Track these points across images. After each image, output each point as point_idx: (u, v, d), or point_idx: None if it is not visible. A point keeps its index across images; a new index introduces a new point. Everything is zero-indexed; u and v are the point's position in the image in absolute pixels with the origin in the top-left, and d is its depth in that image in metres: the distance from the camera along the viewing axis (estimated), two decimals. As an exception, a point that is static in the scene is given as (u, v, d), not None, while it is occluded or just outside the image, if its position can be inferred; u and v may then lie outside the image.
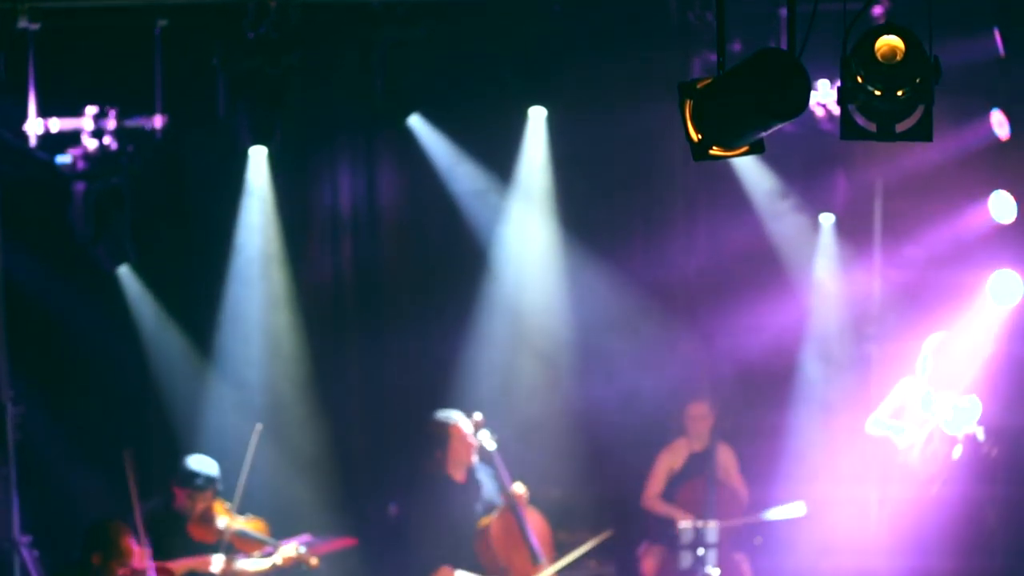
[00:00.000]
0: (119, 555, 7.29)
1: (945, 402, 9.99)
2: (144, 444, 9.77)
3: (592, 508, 11.92)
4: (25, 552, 9.05)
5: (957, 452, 9.94)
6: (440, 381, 11.67)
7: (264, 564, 8.83)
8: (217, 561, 8.44)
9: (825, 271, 12.18)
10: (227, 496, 8.82)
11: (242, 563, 8.52)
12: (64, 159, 8.99)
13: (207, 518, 8.66)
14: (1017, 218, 11.33)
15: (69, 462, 9.80)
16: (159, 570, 7.85)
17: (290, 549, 8.80)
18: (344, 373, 11.68)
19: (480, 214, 11.66)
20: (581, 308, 12.03)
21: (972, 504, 10.82)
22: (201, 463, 8.71)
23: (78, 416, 9.96)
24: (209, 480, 8.68)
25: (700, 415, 10.46)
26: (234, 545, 8.69)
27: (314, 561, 8.99)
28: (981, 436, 9.71)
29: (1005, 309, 11.26)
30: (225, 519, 8.68)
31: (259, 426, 8.91)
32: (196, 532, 8.61)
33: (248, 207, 10.64)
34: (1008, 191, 11.45)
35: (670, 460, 10.59)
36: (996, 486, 11.17)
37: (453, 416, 9.30)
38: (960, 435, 9.82)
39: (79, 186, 9.05)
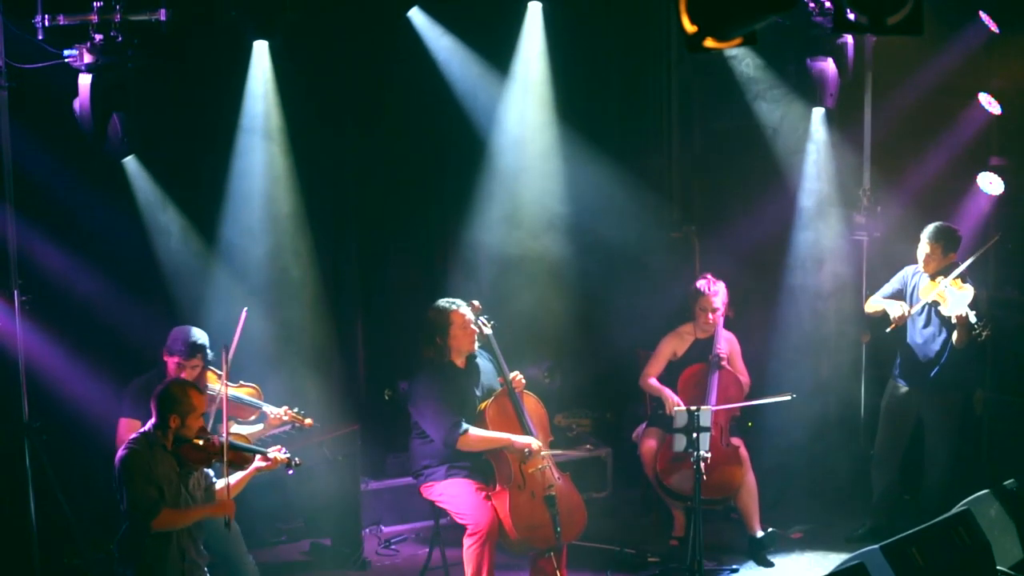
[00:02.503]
0: (192, 409, 7.36)
1: (939, 286, 10.08)
2: (148, 331, 9.85)
3: (589, 392, 12.13)
4: (35, 438, 9.13)
5: (956, 336, 10.05)
6: (439, 268, 11.83)
7: (258, 426, 8.97)
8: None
9: (816, 162, 12.28)
10: (217, 366, 8.83)
11: (237, 428, 8.56)
12: (71, 52, 9.02)
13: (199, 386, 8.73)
14: (1005, 112, 11.44)
15: (74, 350, 9.87)
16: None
17: (280, 411, 8.91)
18: (346, 261, 11.82)
19: (479, 104, 11.74)
20: (577, 196, 12.14)
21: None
22: (188, 332, 8.77)
23: (84, 305, 10.01)
24: (196, 347, 8.73)
25: (709, 306, 10.52)
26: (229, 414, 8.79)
27: (308, 421, 9.10)
28: (973, 319, 9.79)
29: (993, 198, 11.39)
30: (217, 386, 8.67)
31: (246, 309, 8.90)
32: None
33: (251, 100, 10.73)
34: (999, 86, 11.56)
35: (674, 344, 10.70)
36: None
37: (453, 303, 9.35)
38: (953, 318, 9.91)
39: (85, 79, 9.08)
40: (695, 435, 9.62)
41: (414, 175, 11.79)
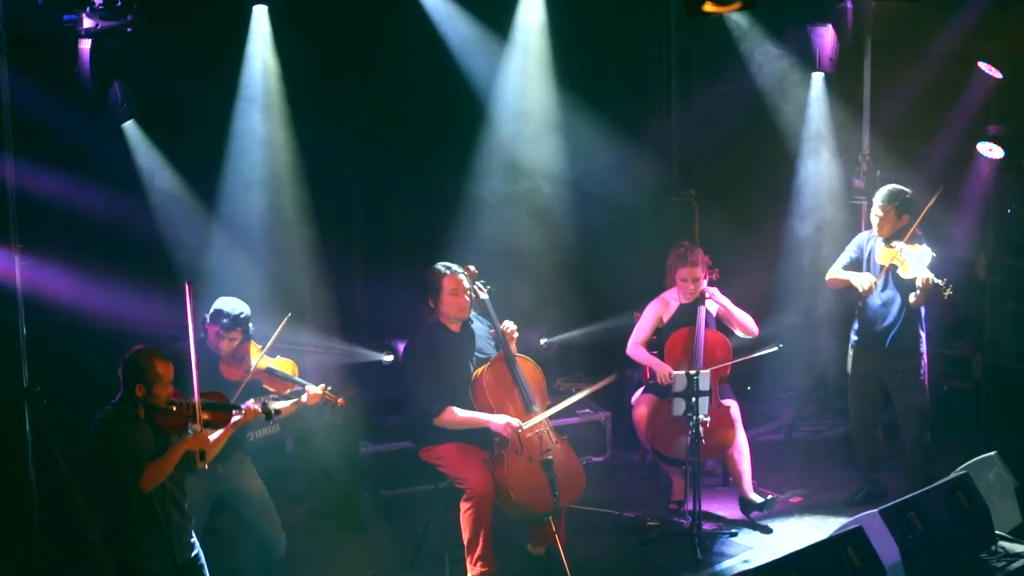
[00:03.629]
0: (158, 378, 7.28)
1: (895, 251, 10.09)
2: (149, 292, 9.86)
3: (587, 356, 12.15)
4: (35, 403, 9.13)
5: (912, 297, 10.07)
6: (438, 229, 11.83)
7: (291, 401, 8.96)
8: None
9: (815, 127, 12.30)
10: (260, 341, 8.84)
11: (272, 402, 8.55)
12: (71, 17, 9.00)
13: (238, 357, 8.77)
14: (1006, 78, 11.46)
15: (75, 311, 9.87)
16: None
17: (317, 388, 8.92)
18: (346, 222, 11.83)
19: (478, 68, 11.73)
20: (576, 161, 12.15)
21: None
22: (232, 304, 8.69)
23: (85, 267, 10.01)
24: (237, 320, 8.67)
25: (691, 276, 10.51)
26: (262, 383, 8.82)
27: (341, 400, 9.08)
28: (936, 280, 9.79)
29: (993, 163, 11.42)
30: (255, 358, 8.75)
31: (289, 315, 8.90)
32: (226, 370, 8.64)
33: (250, 64, 10.72)
34: (999, 51, 11.57)
35: (659, 311, 10.67)
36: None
37: (448, 268, 9.31)
38: (917, 281, 9.91)
39: (85, 43, 9.06)
40: (694, 399, 9.68)
41: (413, 138, 11.78)
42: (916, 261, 9.94)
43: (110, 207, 10.12)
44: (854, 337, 10.52)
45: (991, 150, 11.65)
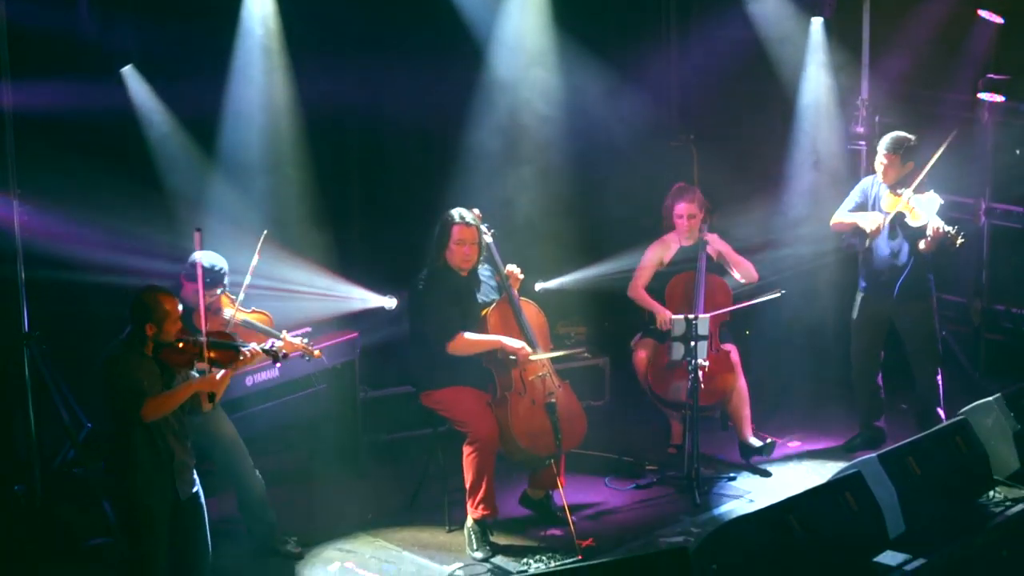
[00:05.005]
0: (167, 315, 7.28)
1: (903, 198, 10.09)
2: (148, 239, 9.84)
3: (588, 301, 12.14)
4: (35, 347, 9.15)
5: (922, 244, 10.07)
6: (437, 177, 11.79)
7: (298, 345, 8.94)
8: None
9: (814, 72, 12.26)
10: (233, 292, 8.87)
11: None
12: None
13: (213, 310, 8.74)
14: (1007, 23, 11.42)
15: (73, 257, 9.85)
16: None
17: (293, 339, 8.91)
18: (345, 170, 11.80)
19: (477, 12, 11.68)
20: (575, 105, 12.12)
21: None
22: (210, 257, 8.71)
23: (83, 212, 9.99)
24: (217, 274, 8.74)
25: (688, 213, 10.52)
26: (238, 336, 8.79)
27: (317, 352, 9.11)
28: (947, 227, 9.80)
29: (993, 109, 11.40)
30: (230, 311, 8.75)
31: (265, 232, 8.88)
32: (200, 323, 8.64)
33: (250, 9, 10.67)
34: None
35: (660, 253, 10.69)
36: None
37: (461, 217, 9.27)
38: (928, 228, 9.92)
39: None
40: (692, 343, 9.70)
41: (412, 80, 11.70)
42: (925, 208, 9.94)
43: (109, 154, 10.09)
44: (862, 283, 10.52)
45: (992, 96, 11.63)
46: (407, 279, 9.51)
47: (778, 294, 10.15)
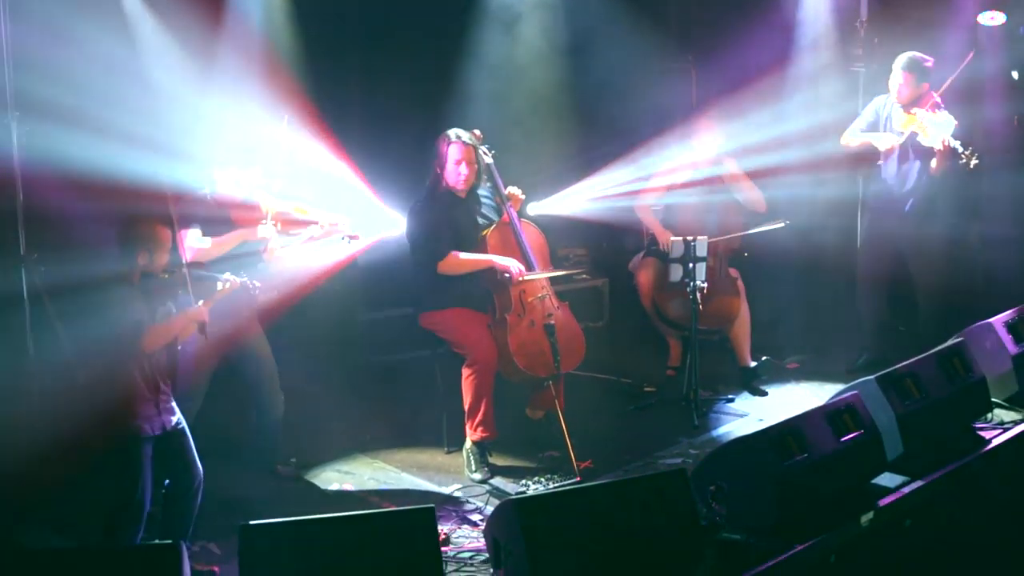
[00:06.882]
0: (160, 245, 7.31)
1: (917, 117, 10.07)
2: (147, 157, 9.80)
3: (585, 223, 12.12)
4: (32, 270, 9.12)
5: (935, 163, 10.07)
6: (439, 102, 11.74)
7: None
8: (264, 228, 8.46)
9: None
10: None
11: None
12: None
13: (249, 203, 8.76)
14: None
15: (69, 184, 9.81)
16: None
17: (329, 220, 8.87)
18: (344, 99, 11.75)
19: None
20: (574, 28, 12.08)
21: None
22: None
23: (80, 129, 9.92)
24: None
25: (706, 127, 10.54)
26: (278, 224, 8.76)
27: (354, 233, 9.07)
28: (959, 147, 9.79)
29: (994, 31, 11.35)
30: (267, 202, 8.72)
31: (286, 117, 8.86)
32: (239, 217, 8.65)
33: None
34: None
35: (671, 175, 10.71)
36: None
37: (459, 137, 9.25)
38: (938, 146, 9.92)
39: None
40: (691, 265, 9.71)
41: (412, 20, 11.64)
42: (938, 128, 9.93)
43: (106, 77, 10.01)
44: (871, 202, 10.51)
45: (992, 18, 11.58)
46: (402, 204, 9.50)
47: (782, 224, 10.15)
